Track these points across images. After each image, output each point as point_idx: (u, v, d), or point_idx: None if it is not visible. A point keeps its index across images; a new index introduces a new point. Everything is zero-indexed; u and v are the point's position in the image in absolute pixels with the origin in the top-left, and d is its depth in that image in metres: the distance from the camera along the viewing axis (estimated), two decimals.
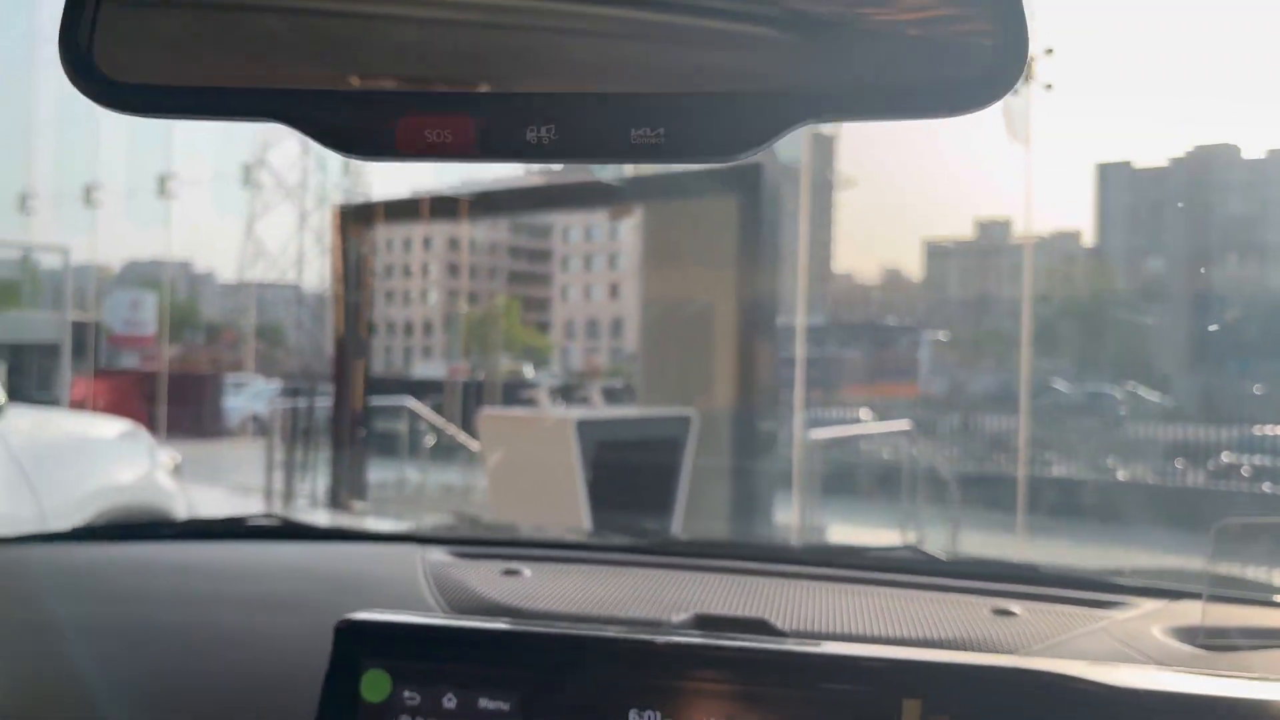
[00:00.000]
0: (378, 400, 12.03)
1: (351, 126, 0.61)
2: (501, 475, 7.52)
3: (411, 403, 12.06)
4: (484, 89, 0.62)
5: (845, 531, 9.14)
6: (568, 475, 6.71)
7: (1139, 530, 10.01)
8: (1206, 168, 13.23)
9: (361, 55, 0.64)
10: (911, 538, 8.66)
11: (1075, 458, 11.17)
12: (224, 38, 0.65)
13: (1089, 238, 15.83)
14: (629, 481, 7.21)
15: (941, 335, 16.54)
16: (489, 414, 8.67)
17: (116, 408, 14.79)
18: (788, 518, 8.46)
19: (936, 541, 8.52)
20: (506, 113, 0.60)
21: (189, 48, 0.65)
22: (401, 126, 0.60)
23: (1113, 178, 15.20)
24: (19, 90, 15.31)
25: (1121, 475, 10.89)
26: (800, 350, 9.52)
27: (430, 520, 10.15)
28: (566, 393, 10.93)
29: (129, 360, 17.22)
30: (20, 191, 14.14)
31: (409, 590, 1.43)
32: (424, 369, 20.10)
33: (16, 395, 4.07)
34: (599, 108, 0.60)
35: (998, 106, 0.62)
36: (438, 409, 12.58)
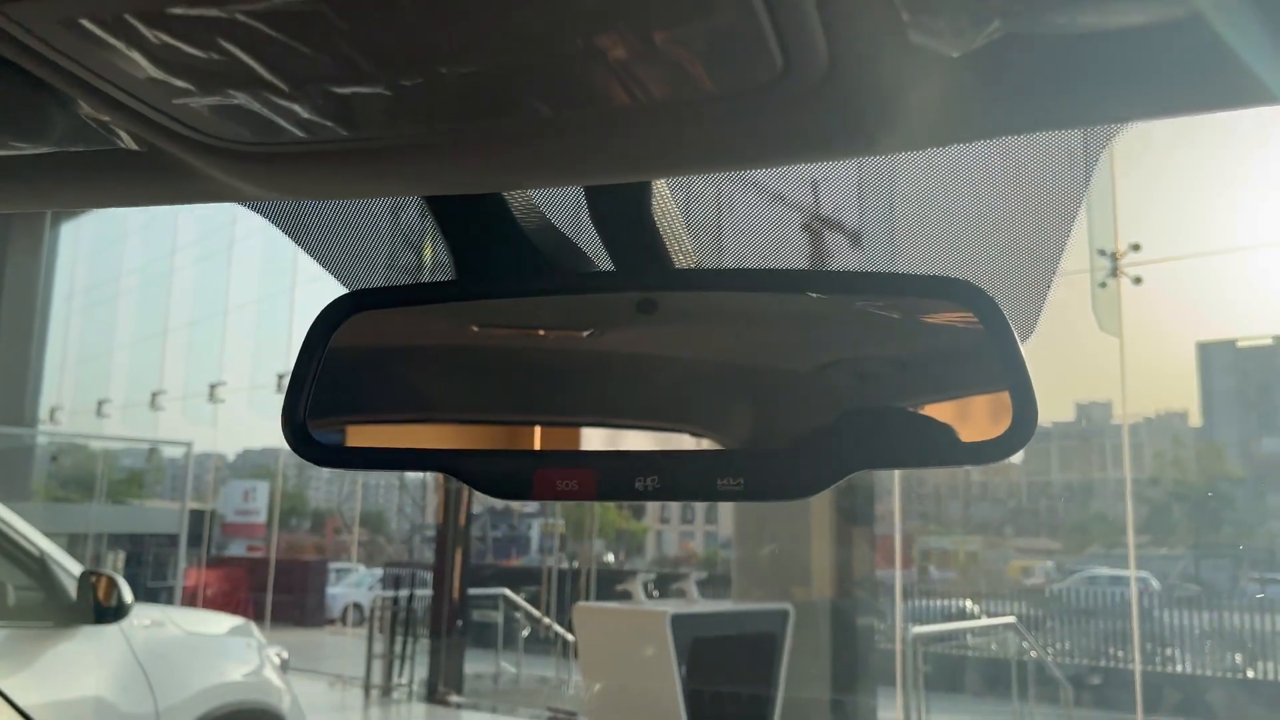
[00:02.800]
0: (475, 590, 12.13)
1: (499, 478, 0.77)
2: (597, 670, 7.49)
3: (508, 593, 12.13)
4: (601, 449, 0.79)
5: None
6: (663, 671, 6.64)
7: None
8: None
9: (508, 425, 0.82)
10: None
11: (1195, 652, 10.55)
12: (405, 413, 0.85)
13: (1194, 418, 15.40)
14: (725, 677, 7.10)
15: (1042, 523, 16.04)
16: (584, 608, 8.70)
17: (226, 596, 15.15)
18: (891, 715, 8.15)
19: None
20: (619, 468, 0.74)
21: (379, 420, 0.85)
22: (538, 478, 0.75)
23: (1215, 357, 14.90)
24: (156, 300, 16.55)
25: (1250, 673, 10.23)
26: (899, 540, 9.39)
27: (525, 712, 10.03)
28: (661, 583, 10.88)
29: (239, 548, 17.74)
30: (153, 389, 15.08)
31: None
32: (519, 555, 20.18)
33: (133, 583, 4.31)
34: (691, 463, 0.76)
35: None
36: (533, 598, 12.60)
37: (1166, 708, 9.49)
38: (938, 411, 0.75)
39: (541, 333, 0.83)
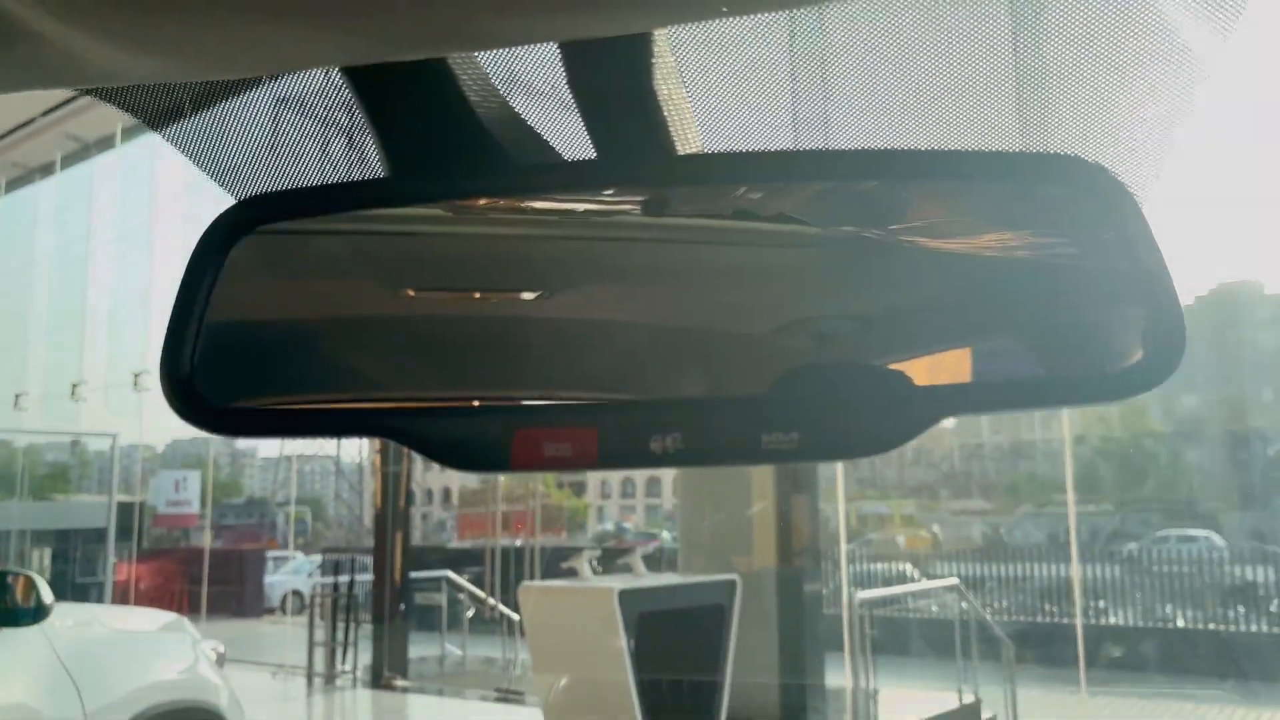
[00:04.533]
0: (417, 573, 11.97)
1: (464, 443, 0.58)
2: (545, 648, 7.41)
3: (451, 575, 11.99)
4: (604, 399, 0.60)
5: (899, 694, 8.85)
6: (612, 646, 6.60)
7: (1205, 682, 9.61)
8: (1231, 304, 13.24)
9: (472, 369, 0.62)
10: (969, 698, 8.37)
11: (1129, 606, 10.82)
12: (329, 360, 0.63)
13: None
14: (675, 649, 7.08)
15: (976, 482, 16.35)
16: (529, 587, 8.60)
17: (158, 589, 14.78)
18: (839, 680, 8.23)
19: (995, 701, 8.23)
20: (629, 422, 0.56)
21: (294, 371, 0.63)
22: (518, 441, 0.56)
23: None
24: (72, 285, 15.99)
25: (1180, 622, 10.51)
26: (842, 507, 9.44)
27: (473, 693, 9.94)
28: (605, 559, 10.84)
29: (172, 540, 17.32)
30: (73, 380, 14.57)
31: None
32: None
33: (60, 579, 4.12)
34: (727, 413, 0.56)
35: None
36: (477, 579, 12.48)
37: (1103, 661, 9.71)
38: (1046, 337, 0.58)
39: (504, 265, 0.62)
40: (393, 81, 0.61)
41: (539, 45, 0.60)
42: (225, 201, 0.64)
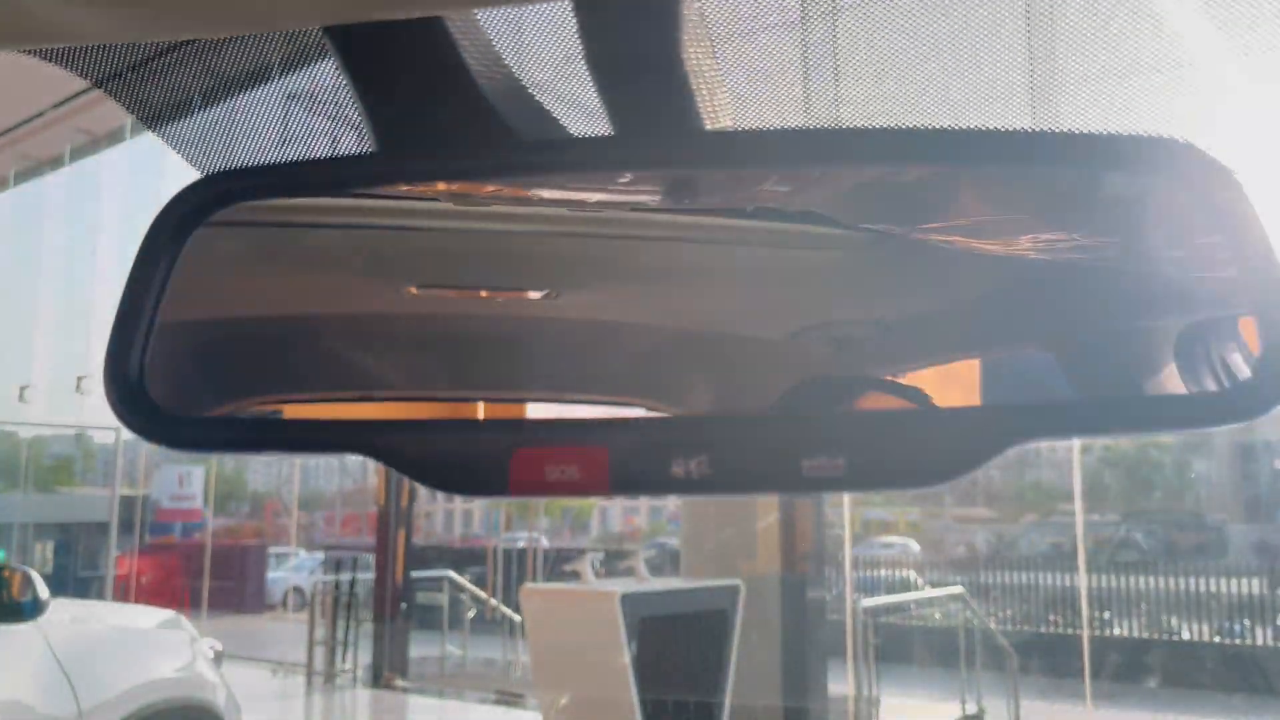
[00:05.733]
0: (419, 572, 11.94)
1: (454, 463, 0.50)
2: (546, 651, 7.36)
3: (453, 575, 11.96)
4: (618, 416, 0.53)
5: (904, 704, 8.79)
6: (614, 650, 6.55)
7: (1211, 696, 9.53)
8: None
9: (466, 377, 0.54)
10: (972, 708, 8.31)
11: (1135, 616, 10.75)
12: (303, 365, 0.56)
13: None
14: (677, 654, 7.03)
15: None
16: (531, 589, 8.55)
17: (160, 584, 14.76)
18: (843, 689, 8.17)
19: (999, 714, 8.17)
20: (645, 443, 0.49)
21: (262, 377, 0.56)
22: (517, 461, 0.48)
23: None
24: (76, 280, 15.98)
25: (1186, 635, 10.43)
26: (848, 512, 9.38)
27: (473, 695, 9.89)
28: (608, 561, 10.80)
29: (174, 534, 17.31)
30: (77, 374, 14.56)
31: None
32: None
33: (63, 573, 4.10)
34: (761, 434, 0.49)
35: None
36: (479, 580, 12.43)
37: (1107, 672, 9.64)
38: (1131, 351, 0.51)
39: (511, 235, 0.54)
40: (382, 45, 0.53)
41: (550, 3, 0.54)
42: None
